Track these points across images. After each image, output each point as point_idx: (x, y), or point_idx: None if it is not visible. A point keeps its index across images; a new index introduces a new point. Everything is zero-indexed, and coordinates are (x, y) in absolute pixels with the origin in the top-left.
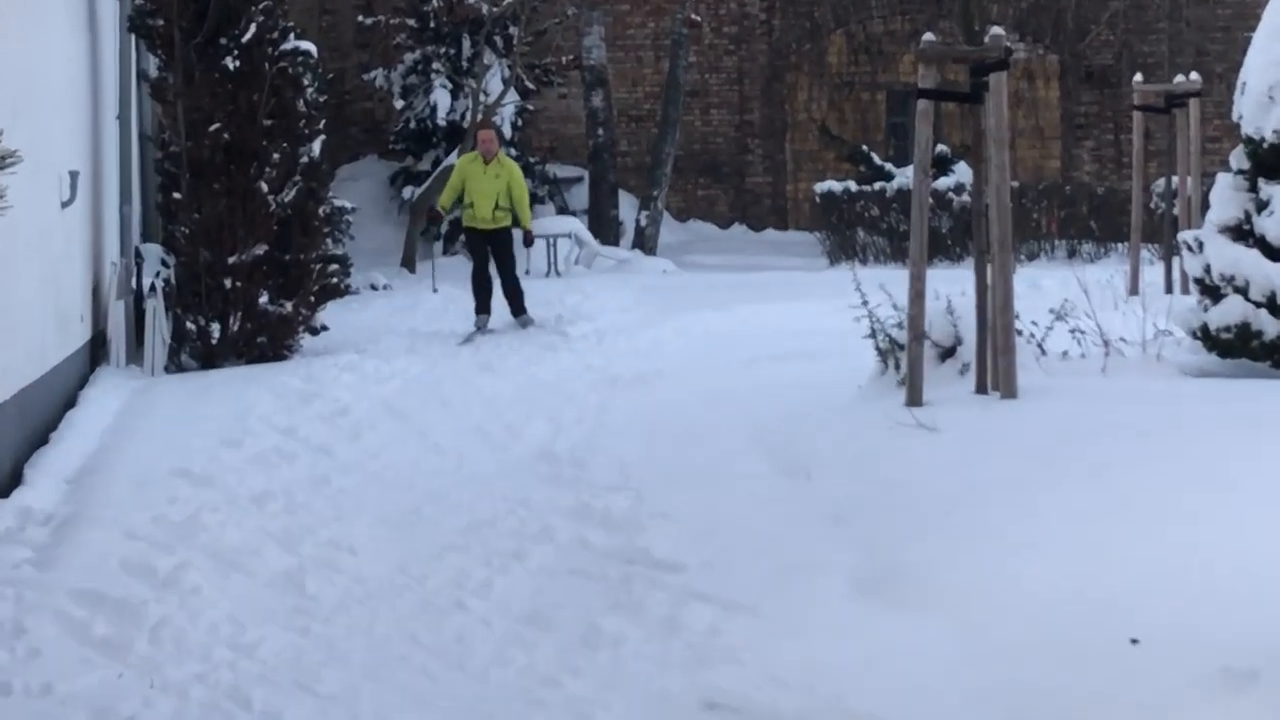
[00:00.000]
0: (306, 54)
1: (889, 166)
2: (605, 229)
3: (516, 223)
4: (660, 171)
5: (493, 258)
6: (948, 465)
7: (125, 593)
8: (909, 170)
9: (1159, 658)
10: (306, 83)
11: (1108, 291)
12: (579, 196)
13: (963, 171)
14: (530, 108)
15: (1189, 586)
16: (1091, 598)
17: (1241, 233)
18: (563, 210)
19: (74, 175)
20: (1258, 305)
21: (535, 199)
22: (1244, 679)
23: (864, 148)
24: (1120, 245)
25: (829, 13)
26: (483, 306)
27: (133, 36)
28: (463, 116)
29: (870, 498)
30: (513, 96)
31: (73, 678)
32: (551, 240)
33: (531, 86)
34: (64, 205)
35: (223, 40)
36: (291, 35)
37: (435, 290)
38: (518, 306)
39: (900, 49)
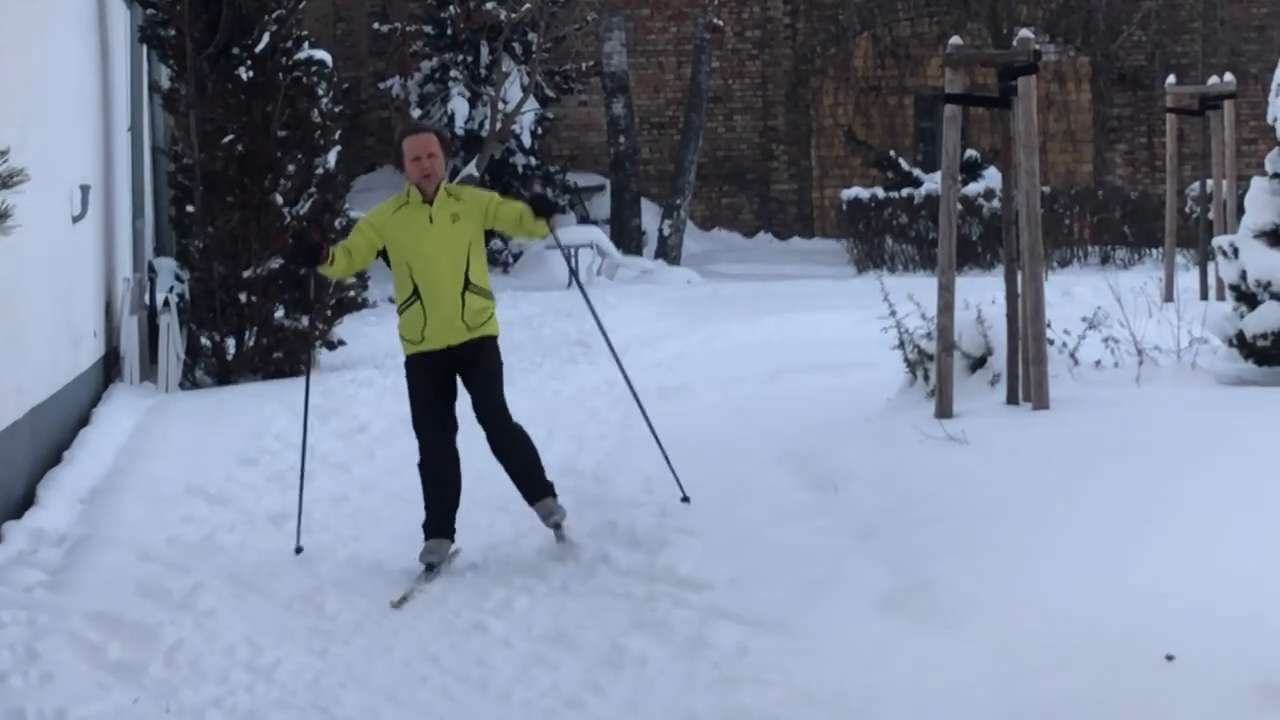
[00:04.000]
0: (321, 63)
1: (917, 172)
2: (627, 239)
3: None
4: (683, 179)
5: (470, 391)
6: (978, 479)
7: (140, 615)
8: (937, 176)
9: (1194, 674)
10: (321, 92)
11: (1142, 299)
12: (600, 206)
13: (992, 177)
14: (550, 116)
15: (1225, 603)
16: (1126, 614)
17: (1278, 238)
18: (584, 220)
19: (85, 190)
20: None
21: (555, 210)
22: (1276, 694)
23: (891, 153)
24: (1155, 251)
25: (854, 16)
26: (443, 521)
27: (144, 47)
28: (481, 125)
29: (899, 511)
30: (532, 104)
31: (87, 702)
32: (573, 251)
33: (551, 94)
34: (75, 220)
35: (235, 50)
36: (305, 44)
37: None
38: (535, 483)
39: (928, 52)
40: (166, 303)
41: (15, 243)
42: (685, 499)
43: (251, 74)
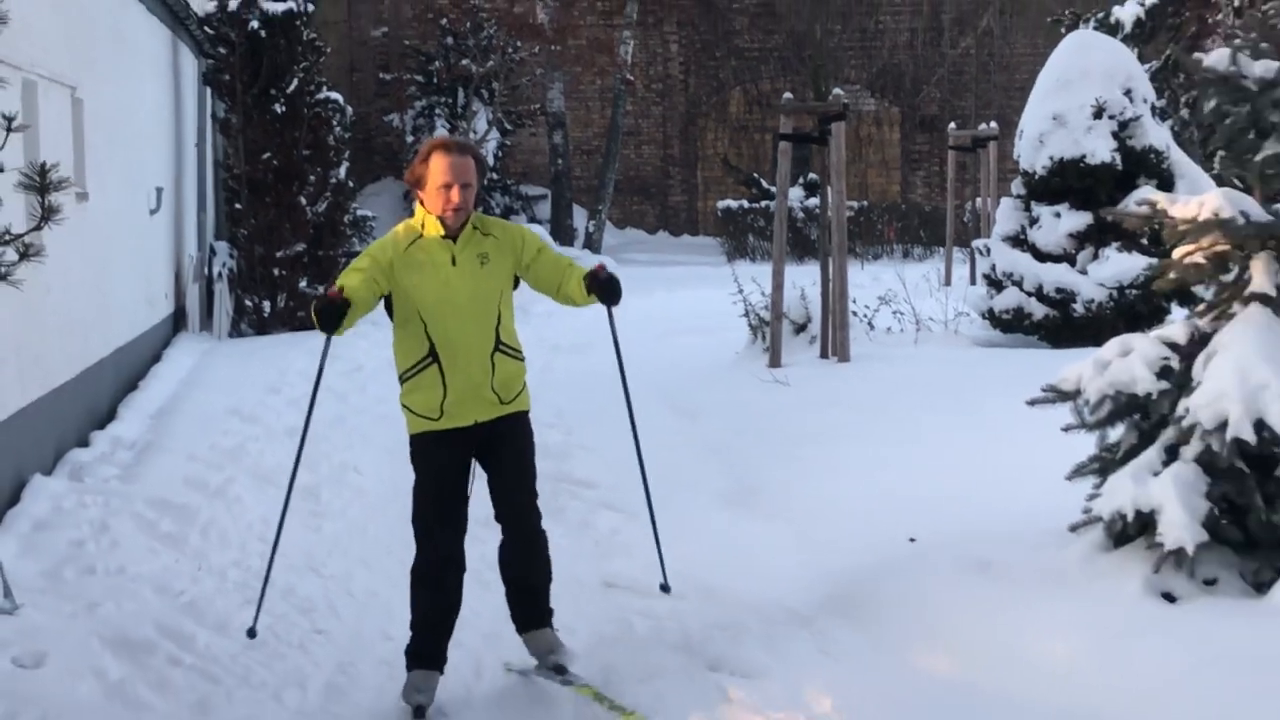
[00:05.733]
0: (335, 102)
1: (773, 189)
2: (562, 235)
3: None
4: (604, 191)
5: (493, 481)
6: (796, 412)
7: (185, 500)
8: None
9: (929, 551)
10: (335, 123)
11: (925, 283)
12: (544, 210)
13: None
14: (507, 143)
15: (954, 500)
16: (888, 508)
17: (1019, 241)
18: (532, 220)
19: (159, 190)
20: (1029, 294)
21: (511, 211)
22: (983, 568)
23: (755, 175)
24: (940, 249)
25: (730, 75)
26: (437, 647)
27: (207, 88)
28: None
29: (738, 435)
30: (495, 135)
31: (141, 562)
32: None
33: (509, 127)
34: (152, 213)
35: (272, 91)
36: (324, 88)
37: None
38: (538, 608)
39: (765, 117)
40: (220, 274)
41: (107, 230)
42: (665, 588)
43: (284, 108)
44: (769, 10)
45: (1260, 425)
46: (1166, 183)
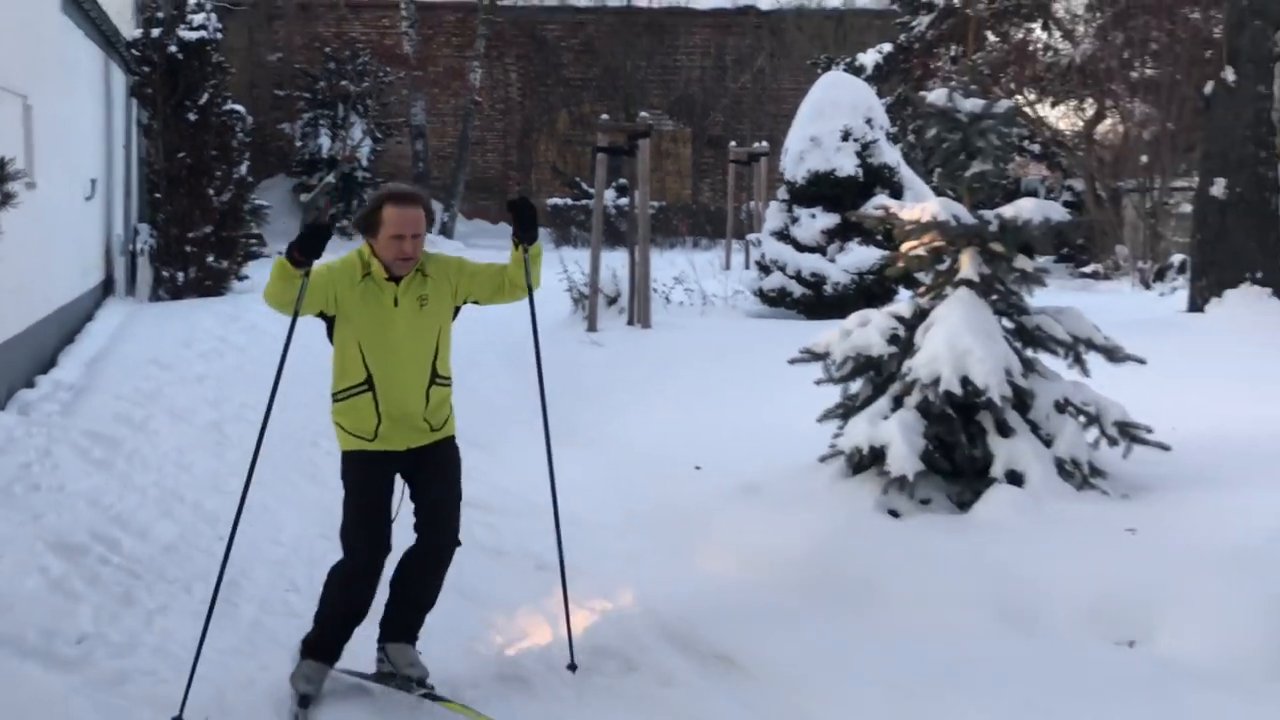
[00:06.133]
0: (238, 112)
1: (591, 191)
2: None
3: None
4: (456, 189)
5: (419, 496)
6: (608, 366)
7: (114, 432)
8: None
9: (711, 476)
10: (238, 129)
11: (710, 268)
12: None
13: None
14: (379, 149)
15: (731, 436)
16: (677, 442)
17: (783, 236)
18: None
19: (94, 181)
20: (790, 278)
21: None
22: (752, 490)
23: (577, 179)
24: (722, 240)
25: (558, 99)
26: (337, 644)
27: (134, 99)
28: (338, 153)
29: (562, 383)
30: (368, 142)
31: (78, 481)
32: None
33: (379, 136)
34: (87, 199)
35: (187, 102)
36: (229, 100)
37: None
38: (414, 623)
39: (586, 132)
40: (142, 250)
41: (51, 212)
42: (572, 667)
43: (196, 117)
44: (590, 48)
45: (965, 381)
46: (897, 192)
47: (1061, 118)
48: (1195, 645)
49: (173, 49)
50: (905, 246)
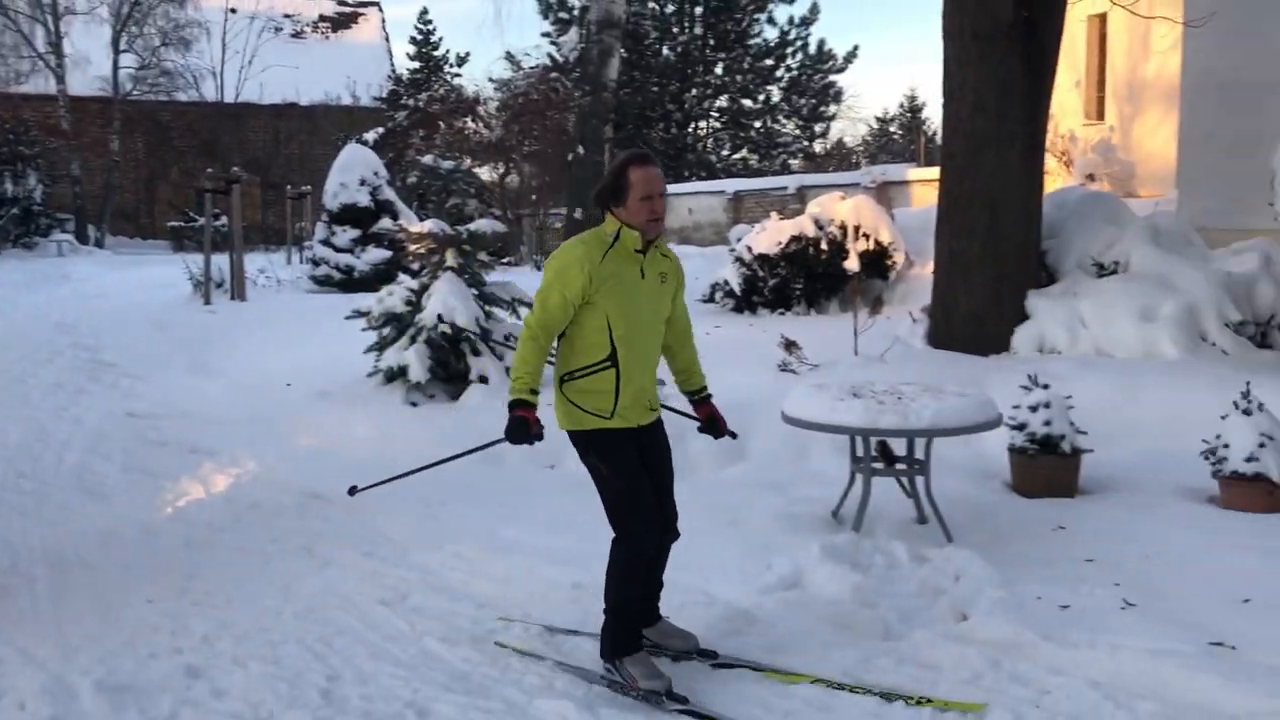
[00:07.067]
0: None
1: (200, 218)
2: (84, 238)
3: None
4: (105, 218)
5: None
6: (221, 325)
7: None
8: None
9: (297, 389)
10: None
11: (280, 263)
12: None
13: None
14: (48, 191)
15: (308, 364)
16: (275, 370)
17: (326, 243)
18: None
19: None
20: (332, 269)
21: (53, 225)
22: (325, 395)
23: (187, 210)
24: (284, 246)
25: (172, 159)
26: (638, 636)
27: None
28: (19, 194)
29: (191, 336)
30: (40, 187)
31: None
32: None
33: (47, 183)
34: None
35: None
36: None
37: None
38: (657, 596)
39: (191, 180)
40: None
41: None
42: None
43: None
44: (191, 127)
45: (453, 325)
46: (394, 217)
47: (487, 173)
48: None
49: None
50: (412, 247)
